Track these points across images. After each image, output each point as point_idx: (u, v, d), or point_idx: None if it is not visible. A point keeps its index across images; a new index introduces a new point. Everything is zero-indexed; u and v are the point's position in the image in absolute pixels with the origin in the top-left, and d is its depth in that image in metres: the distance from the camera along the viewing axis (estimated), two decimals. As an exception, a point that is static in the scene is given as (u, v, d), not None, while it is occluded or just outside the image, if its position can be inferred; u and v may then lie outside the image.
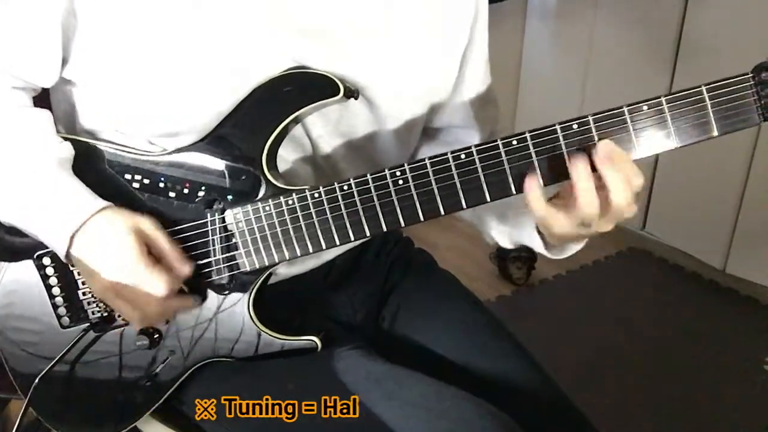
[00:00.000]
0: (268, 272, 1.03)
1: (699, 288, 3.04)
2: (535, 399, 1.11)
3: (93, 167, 1.03)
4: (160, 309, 0.99)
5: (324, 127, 1.06)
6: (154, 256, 0.98)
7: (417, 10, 1.06)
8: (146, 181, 1.03)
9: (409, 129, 1.13)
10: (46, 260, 1.07)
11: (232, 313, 1.04)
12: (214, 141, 1.00)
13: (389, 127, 1.09)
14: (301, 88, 0.98)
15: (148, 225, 0.98)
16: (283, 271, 1.11)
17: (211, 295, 1.04)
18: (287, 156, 1.06)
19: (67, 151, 1.02)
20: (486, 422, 0.97)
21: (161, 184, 1.02)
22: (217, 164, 1.01)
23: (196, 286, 1.03)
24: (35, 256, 1.07)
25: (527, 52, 3.68)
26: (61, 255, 0.98)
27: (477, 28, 1.14)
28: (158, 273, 0.96)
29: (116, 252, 0.96)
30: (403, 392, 1.01)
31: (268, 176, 0.99)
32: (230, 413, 1.08)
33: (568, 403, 1.14)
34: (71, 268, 1.06)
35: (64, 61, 1.00)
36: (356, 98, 1.02)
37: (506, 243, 1.18)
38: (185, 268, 1.00)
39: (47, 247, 1.05)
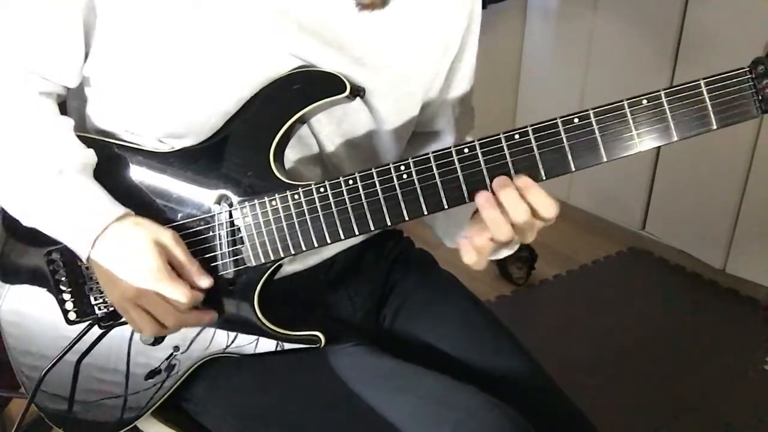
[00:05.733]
0: (274, 267, 1.04)
1: (699, 288, 3.04)
2: (535, 398, 1.11)
3: (104, 165, 1.04)
4: (177, 321, 1.00)
5: (329, 126, 1.07)
6: (173, 268, 0.99)
7: (415, 14, 1.08)
8: (155, 177, 1.04)
9: (406, 129, 1.14)
10: (56, 255, 1.07)
11: (237, 309, 1.05)
12: (222, 139, 1.02)
13: (388, 127, 1.11)
14: (309, 86, 1.00)
15: (168, 238, 0.99)
16: (284, 269, 1.12)
17: (216, 291, 1.04)
18: (294, 156, 1.08)
19: (90, 157, 1.04)
20: (495, 415, 0.97)
21: (170, 181, 1.04)
22: (225, 161, 1.02)
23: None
24: (45, 252, 1.08)
25: (527, 50, 3.68)
26: (84, 257, 0.99)
27: (469, 38, 1.16)
28: (181, 285, 0.97)
29: (139, 262, 0.96)
30: (412, 386, 1.02)
31: (275, 172, 1.00)
32: (234, 410, 1.09)
33: (569, 402, 1.15)
34: (79, 263, 1.07)
35: (85, 57, 1.02)
36: (362, 97, 1.04)
37: (450, 243, 1.20)
38: (204, 280, 1.01)
39: (56, 246, 1.06)
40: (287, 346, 1.06)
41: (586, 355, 2.54)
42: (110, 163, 1.05)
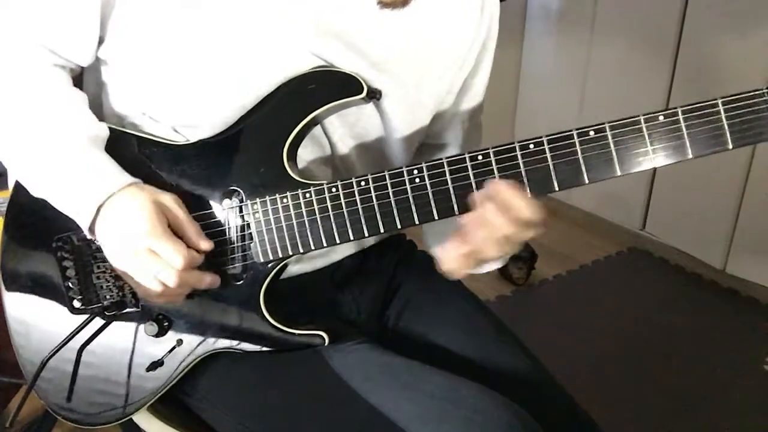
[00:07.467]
0: (281, 264, 1.04)
1: (699, 288, 3.05)
2: (539, 397, 1.11)
3: (119, 154, 1.04)
4: (177, 281, 0.97)
5: (341, 128, 1.08)
6: (174, 230, 0.99)
7: (434, 25, 1.08)
8: (168, 169, 1.04)
9: (417, 137, 1.15)
10: (64, 242, 1.08)
11: (243, 304, 1.05)
12: (236, 134, 1.02)
13: (399, 134, 1.12)
14: (326, 86, 1.00)
15: (169, 200, 1.00)
16: (291, 269, 1.12)
17: (222, 286, 1.05)
18: (306, 156, 1.08)
19: (102, 130, 1.04)
20: (502, 412, 0.97)
21: (182, 173, 1.04)
22: (238, 156, 1.02)
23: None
24: (55, 238, 1.08)
25: (527, 54, 3.70)
26: (86, 227, 0.99)
27: (485, 56, 1.17)
28: (177, 243, 0.97)
29: (137, 221, 0.96)
30: (420, 383, 1.02)
31: (288, 170, 1.00)
32: (236, 406, 1.10)
33: (572, 401, 1.15)
34: (88, 252, 1.08)
35: (100, 40, 1.02)
36: (378, 99, 1.04)
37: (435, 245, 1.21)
38: (204, 243, 1.00)
39: (65, 233, 1.07)
40: (290, 344, 1.06)
41: (586, 355, 2.55)
42: (123, 153, 1.05)
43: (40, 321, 1.13)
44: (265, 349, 1.06)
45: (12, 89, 1.02)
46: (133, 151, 1.05)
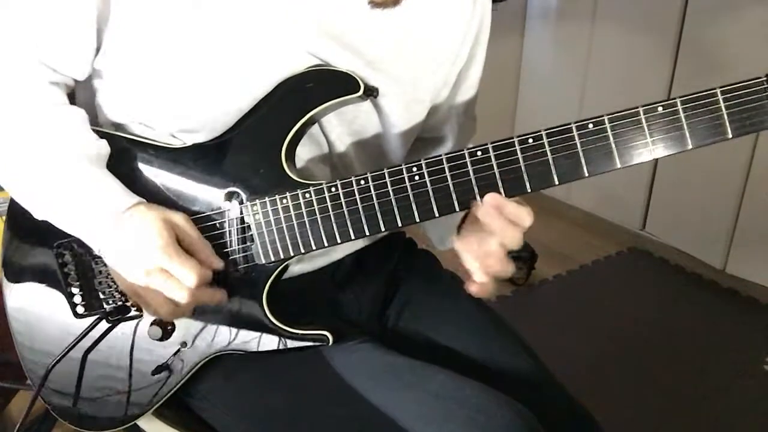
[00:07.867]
0: (283, 265, 1.04)
1: (699, 288, 3.05)
2: (540, 396, 1.11)
3: (116, 160, 1.04)
4: (189, 300, 0.98)
5: (339, 126, 1.08)
6: (184, 249, 0.99)
7: (426, 21, 1.09)
8: (167, 172, 1.04)
9: (413, 132, 1.16)
10: (65, 249, 1.08)
11: (246, 306, 1.05)
12: (235, 136, 1.02)
13: (397, 130, 1.12)
14: (323, 85, 1.00)
15: (179, 218, 0.99)
16: (292, 269, 1.12)
17: (226, 288, 1.04)
18: (304, 155, 1.08)
19: (103, 148, 1.04)
20: (504, 411, 0.97)
21: (182, 176, 1.04)
22: (237, 158, 1.02)
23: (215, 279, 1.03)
24: (55, 245, 1.08)
25: (527, 52, 3.70)
26: (96, 250, 0.99)
27: (478, 49, 1.18)
28: (189, 262, 0.97)
29: (148, 241, 0.96)
30: (423, 382, 1.02)
31: (287, 171, 1.00)
32: (239, 407, 1.10)
33: (573, 400, 1.15)
34: (88, 257, 1.08)
35: (97, 50, 1.02)
36: (375, 97, 1.04)
37: (439, 244, 1.23)
38: (216, 262, 1.01)
39: (65, 239, 1.07)
40: (294, 344, 1.06)
41: (586, 355, 2.54)
42: (122, 158, 1.05)
43: (44, 325, 1.13)
44: (268, 349, 1.06)
45: (7, 111, 1.02)
46: (131, 156, 1.05)
